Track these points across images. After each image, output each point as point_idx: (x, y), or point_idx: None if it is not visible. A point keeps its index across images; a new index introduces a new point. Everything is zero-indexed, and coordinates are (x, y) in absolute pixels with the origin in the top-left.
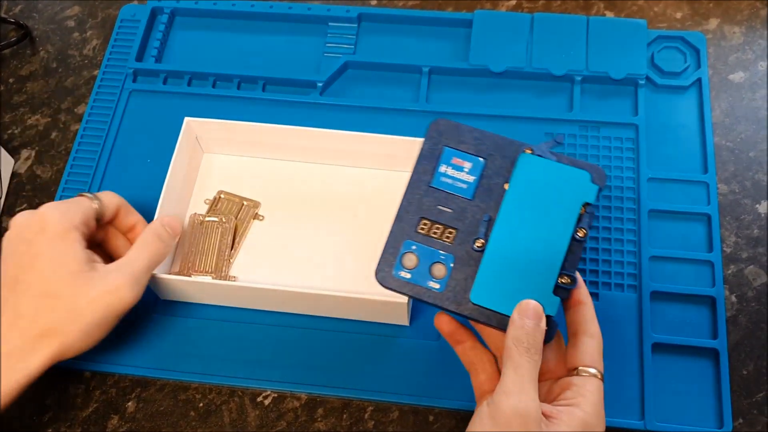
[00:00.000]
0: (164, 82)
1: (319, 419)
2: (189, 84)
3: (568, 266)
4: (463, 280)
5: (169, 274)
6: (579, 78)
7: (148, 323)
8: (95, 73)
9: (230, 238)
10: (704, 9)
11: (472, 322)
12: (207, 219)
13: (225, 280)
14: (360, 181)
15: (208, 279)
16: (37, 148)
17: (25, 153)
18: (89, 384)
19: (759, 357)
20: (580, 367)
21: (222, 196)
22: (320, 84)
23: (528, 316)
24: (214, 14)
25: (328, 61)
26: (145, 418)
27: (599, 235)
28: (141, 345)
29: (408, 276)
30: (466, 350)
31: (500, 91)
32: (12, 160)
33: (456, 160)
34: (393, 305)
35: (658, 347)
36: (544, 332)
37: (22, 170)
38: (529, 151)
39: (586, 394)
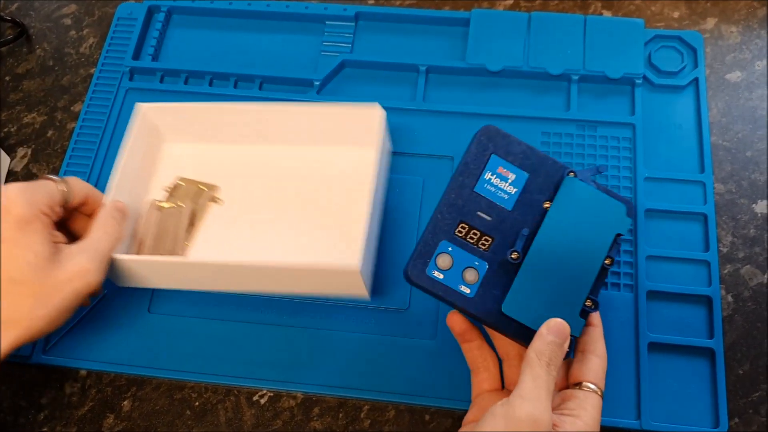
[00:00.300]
0: (161, 81)
1: (314, 418)
2: (185, 82)
3: (594, 291)
4: (492, 289)
5: None
6: (576, 77)
7: (144, 322)
8: (92, 71)
9: (187, 223)
10: (701, 8)
11: (486, 328)
12: (162, 205)
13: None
14: (318, 159)
15: (159, 258)
16: (33, 146)
17: (21, 151)
18: (85, 383)
19: (755, 356)
20: (584, 382)
21: (180, 182)
22: (317, 83)
23: (555, 334)
24: (210, 12)
25: (325, 59)
26: (140, 417)
27: None
28: (136, 344)
29: (441, 276)
30: (473, 349)
31: (497, 90)
32: (8, 159)
33: (501, 170)
34: (344, 274)
35: (655, 347)
36: (565, 351)
37: (18, 168)
38: (573, 175)
39: (588, 407)
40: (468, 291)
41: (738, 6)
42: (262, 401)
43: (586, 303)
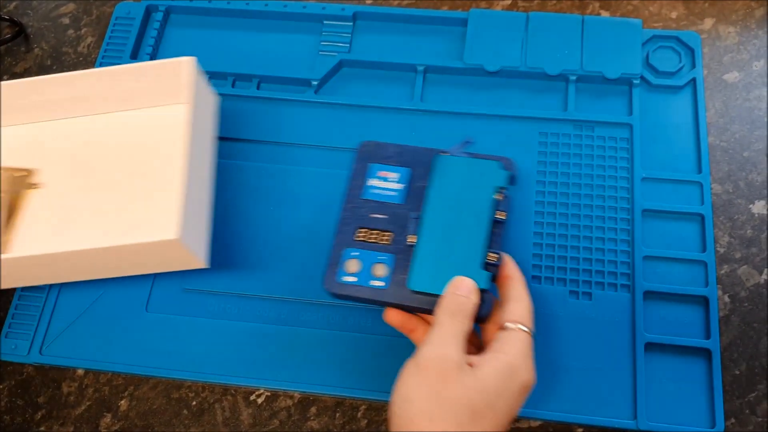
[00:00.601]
0: None
1: (312, 418)
2: None
3: (493, 245)
4: (403, 275)
5: None
6: (574, 77)
7: (141, 321)
8: None
9: (5, 215)
10: (699, 9)
11: (422, 316)
12: None
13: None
14: (135, 125)
15: None
16: None
17: None
18: (82, 382)
19: (751, 357)
20: (506, 323)
21: None
22: (315, 82)
23: (455, 288)
24: (209, 12)
25: (323, 59)
26: (137, 416)
27: (592, 234)
28: (134, 343)
29: (354, 279)
30: (420, 336)
31: (495, 90)
32: None
33: (382, 173)
34: (166, 245)
35: (651, 347)
36: (473, 303)
37: None
38: (443, 154)
39: (511, 342)
40: (381, 284)
41: (736, 6)
42: (259, 401)
43: (490, 258)
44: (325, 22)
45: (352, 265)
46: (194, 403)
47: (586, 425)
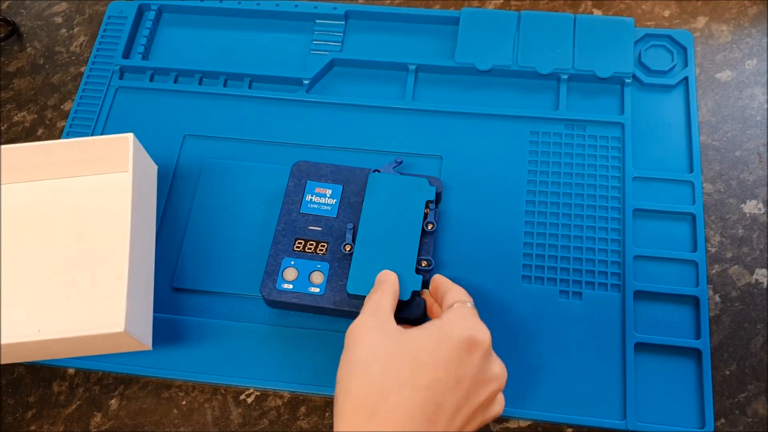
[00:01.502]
0: (151, 80)
1: (301, 417)
2: (175, 81)
3: (424, 252)
4: (339, 282)
5: None
6: (565, 76)
7: None
8: (82, 69)
9: None
10: (692, 7)
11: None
12: None
13: None
14: (74, 193)
15: None
16: None
17: None
18: (72, 381)
19: (741, 357)
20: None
21: None
22: (306, 81)
23: (382, 278)
24: (201, 11)
25: (314, 58)
26: (128, 416)
27: (583, 234)
28: None
29: (290, 287)
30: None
31: (486, 89)
32: None
33: (318, 189)
34: (110, 335)
35: (641, 347)
36: (396, 290)
37: None
38: (376, 171)
39: (447, 313)
40: (317, 290)
41: (729, 5)
42: (249, 400)
43: (422, 264)
44: (317, 21)
45: (290, 274)
46: (184, 402)
47: (576, 425)
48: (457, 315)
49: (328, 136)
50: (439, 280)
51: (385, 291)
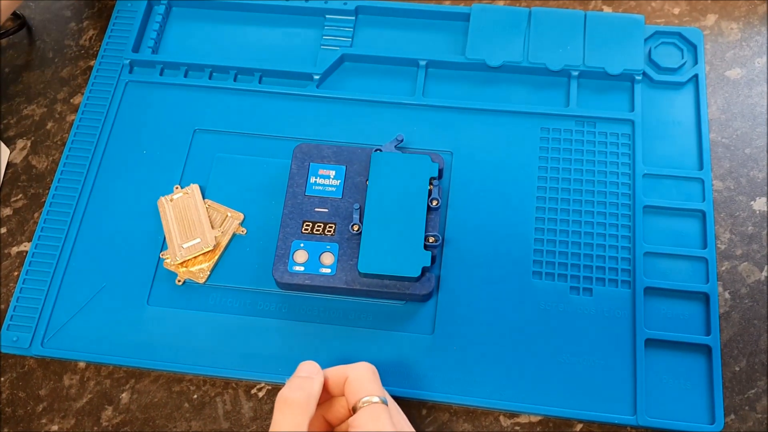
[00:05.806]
0: (160, 74)
1: None
2: (185, 75)
3: (431, 229)
4: (349, 262)
5: None
6: (576, 73)
7: (143, 314)
8: (91, 63)
9: (205, 212)
10: (702, 5)
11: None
12: (173, 197)
13: None
14: None
15: None
16: (32, 138)
17: (20, 143)
18: (83, 375)
19: (751, 354)
20: (355, 405)
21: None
22: (317, 76)
23: (300, 371)
24: (211, 5)
25: (325, 53)
26: (139, 410)
27: (593, 230)
28: (135, 336)
29: (302, 269)
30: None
31: (496, 86)
32: (8, 150)
33: (322, 171)
34: None
35: (651, 343)
36: (318, 382)
37: (17, 160)
38: (378, 150)
39: (357, 417)
40: (329, 271)
41: (738, 3)
42: (260, 394)
43: (429, 240)
44: (327, 16)
45: (300, 256)
46: (195, 396)
47: (586, 421)
48: (367, 416)
49: (338, 132)
50: (327, 375)
51: (310, 397)
